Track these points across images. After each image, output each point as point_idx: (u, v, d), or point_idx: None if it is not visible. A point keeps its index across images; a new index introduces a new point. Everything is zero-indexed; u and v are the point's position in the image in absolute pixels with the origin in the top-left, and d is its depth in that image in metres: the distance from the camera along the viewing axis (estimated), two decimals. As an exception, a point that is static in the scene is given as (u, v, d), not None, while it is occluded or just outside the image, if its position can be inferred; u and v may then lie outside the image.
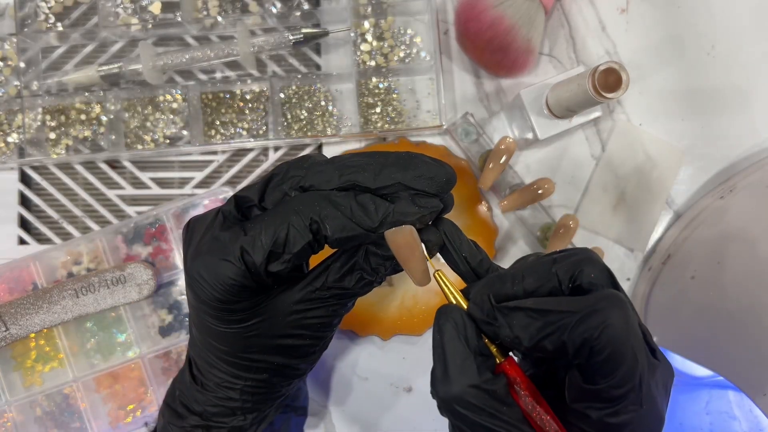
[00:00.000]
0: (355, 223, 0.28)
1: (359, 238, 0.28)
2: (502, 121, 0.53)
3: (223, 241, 0.29)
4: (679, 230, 0.51)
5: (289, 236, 0.28)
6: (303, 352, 0.33)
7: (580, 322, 0.26)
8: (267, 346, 0.32)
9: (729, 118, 0.53)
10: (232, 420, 0.36)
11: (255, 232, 0.28)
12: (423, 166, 0.28)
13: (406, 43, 0.52)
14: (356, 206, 0.28)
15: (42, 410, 0.49)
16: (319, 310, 0.31)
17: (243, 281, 0.29)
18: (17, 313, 0.47)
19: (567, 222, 0.46)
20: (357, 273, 0.30)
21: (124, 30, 0.52)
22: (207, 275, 0.29)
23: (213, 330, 0.32)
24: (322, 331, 0.32)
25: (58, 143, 0.52)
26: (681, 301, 0.49)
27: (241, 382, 0.34)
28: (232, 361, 0.33)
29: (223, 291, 0.29)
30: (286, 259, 0.28)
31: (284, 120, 0.52)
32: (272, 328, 0.31)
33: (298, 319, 0.31)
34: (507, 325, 0.27)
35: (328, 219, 0.28)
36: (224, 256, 0.28)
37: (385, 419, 0.52)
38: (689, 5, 0.53)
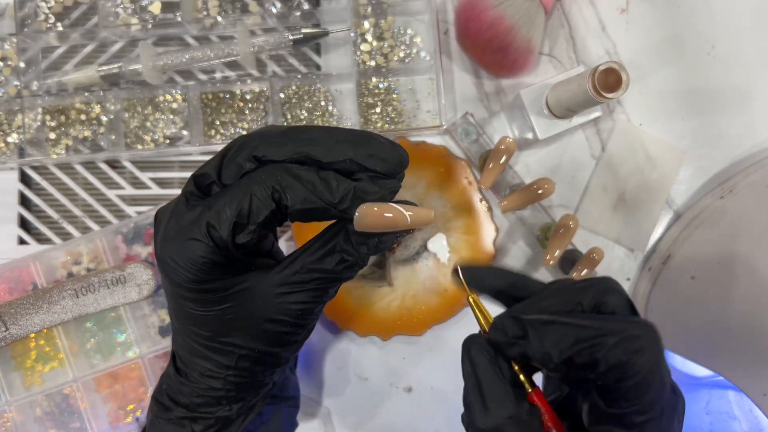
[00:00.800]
0: (316, 197, 0.28)
1: (320, 212, 0.28)
2: (502, 121, 0.53)
3: (189, 221, 0.29)
4: (679, 230, 0.51)
5: (252, 206, 0.28)
6: (285, 339, 0.32)
7: (619, 344, 0.26)
8: (249, 331, 0.32)
9: (729, 118, 0.53)
10: (217, 410, 0.35)
11: (219, 206, 0.28)
12: (376, 145, 0.28)
13: (406, 43, 0.52)
14: (318, 180, 0.28)
15: (42, 410, 0.49)
16: (300, 295, 0.31)
17: (213, 257, 0.29)
18: (17, 313, 0.47)
19: (567, 222, 0.46)
20: (337, 255, 0.30)
21: (124, 30, 0.52)
22: (177, 257, 0.29)
23: (193, 315, 0.31)
24: (303, 318, 0.32)
25: (58, 143, 0.52)
26: (681, 301, 0.49)
27: (224, 371, 0.33)
28: (213, 347, 0.32)
29: (196, 270, 0.29)
30: (251, 229, 0.29)
31: (284, 120, 0.52)
32: (252, 312, 0.31)
33: (278, 303, 0.31)
34: (539, 338, 0.27)
35: (290, 189, 0.28)
36: (191, 236, 0.29)
37: (385, 419, 0.52)
38: (689, 5, 0.53)
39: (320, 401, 0.52)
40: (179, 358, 0.35)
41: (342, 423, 0.52)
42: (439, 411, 0.52)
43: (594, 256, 0.46)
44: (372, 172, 0.28)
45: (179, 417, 0.36)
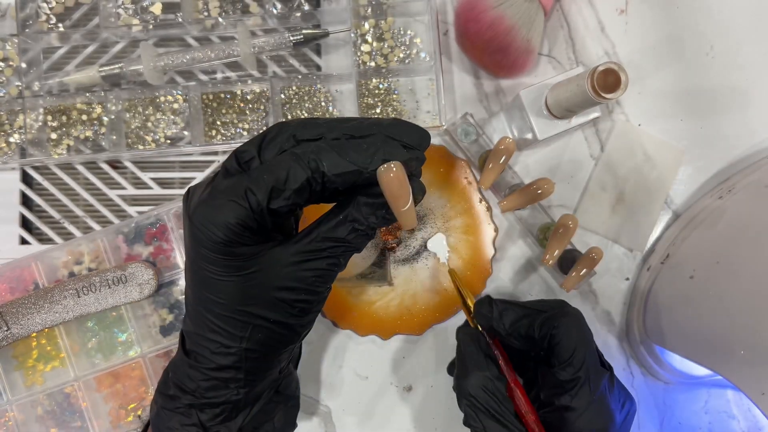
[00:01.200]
0: (348, 161, 0.30)
1: (353, 175, 0.30)
2: (502, 121, 0.53)
3: (227, 186, 0.31)
4: (678, 230, 0.51)
5: (290, 173, 0.30)
6: (298, 309, 0.34)
7: (547, 318, 0.39)
8: (264, 300, 0.33)
9: (728, 118, 0.53)
10: (225, 394, 0.35)
11: (258, 173, 0.31)
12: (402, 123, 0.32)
13: (406, 44, 0.52)
14: (349, 145, 0.31)
15: (43, 409, 0.49)
16: (315, 262, 0.33)
17: (246, 221, 0.31)
18: (19, 312, 0.47)
19: (566, 222, 0.46)
20: (349, 224, 0.32)
21: (125, 31, 0.52)
22: (212, 217, 0.31)
23: (212, 281, 0.33)
24: (316, 285, 0.33)
25: (59, 143, 0.52)
26: (680, 300, 0.49)
27: (236, 345, 0.34)
28: (229, 318, 0.33)
29: (228, 231, 0.31)
30: (287, 195, 0.30)
31: (285, 120, 0.52)
32: (269, 279, 0.32)
33: (294, 270, 0.32)
34: (500, 315, 0.41)
35: (325, 157, 0.30)
36: (229, 198, 0.30)
37: (385, 419, 0.52)
38: (688, 5, 0.53)
39: (320, 401, 0.52)
40: (190, 338, 0.35)
41: (342, 423, 0.52)
42: (439, 411, 0.52)
43: (593, 256, 0.46)
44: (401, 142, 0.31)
45: (186, 405, 0.36)
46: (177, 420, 0.36)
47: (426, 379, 0.52)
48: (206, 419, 0.36)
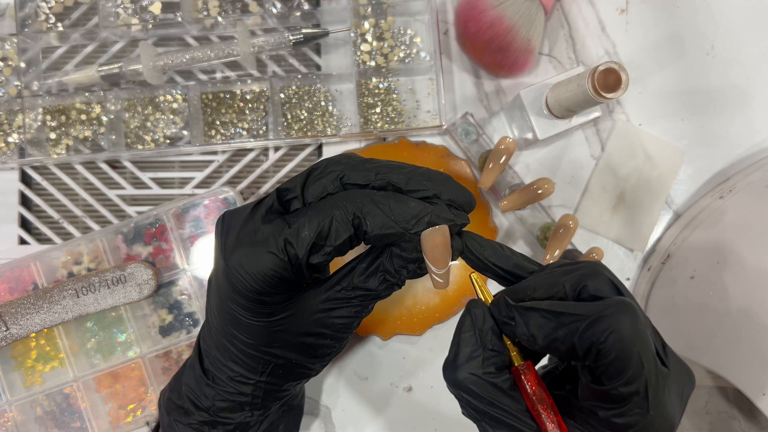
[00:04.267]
0: (393, 221, 0.29)
1: (396, 236, 0.30)
2: (502, 121, 0.53)
3: (267, 233, 0.30)
4: (679, 230, 0.51)
5: (332, 229, 0.29)
6: (321, 352, 0.34)
7: (589, 326, 0.28)
8: (290, 343, 0.33)
9: (728, 118, 0.53)
10: (239, 416, 0.36)
11: (299, 224, 0.30)
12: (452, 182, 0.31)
13: (406, 44, 0.52)
14: (396, 205, 0.29)
15: (42, 410, 0.49)
16: (343, 310, 0.33)
17: (283, 273, 0.30)
18: (18, 312, 0.47)
19: (567, 222, 0.46)
20: (380, 275, 0.32)
21: (124, 30, 0.52)
22: (249, 266, 0.30)
23: (242, 322, 0.32)
24: (342, 331, 0.34)
25: (58, 143, 0.52)
26: (680, 300, 0.49)
27: (255, 377, 0.34)
28: (253, 355, 0.33)
29: (263, 282, 0.30)
30: (328, 251, 0.30)
31: (284, 120, 0.52)
32: (298, 325, 0.33)
33: (323, 317, 0.33)
34: (524, 323, 0.29)
35: (370, 215, 0.29)
36: (268, 248, 0.30)
37: (385, 419, 0.52)
38: (689, 5, 0.53)
39: (320, 401, 0.52)
40: (208, 359, 0.36)
41: (342, 423, 0.52)
42: (439, 411, 0.52)
43: (594, 256, 0.46)
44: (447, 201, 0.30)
45: (200, 422, 0.36)
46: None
47: (426, 379, 0.52)
48: None
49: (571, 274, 0.30)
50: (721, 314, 0.45)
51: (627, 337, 0.27)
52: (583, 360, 0.28)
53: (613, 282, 0.30)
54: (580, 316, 0.28)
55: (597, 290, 0.29)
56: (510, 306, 0.30)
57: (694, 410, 0.53)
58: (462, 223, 0.31)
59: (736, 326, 0.45)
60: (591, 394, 0.29)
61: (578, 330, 0.28)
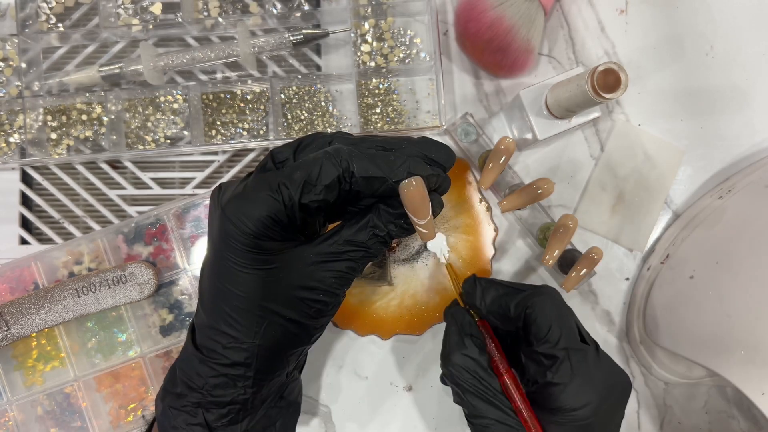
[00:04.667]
0: (378, 168, 0.32)
1: (379, 182, 0.32)
2: (502, 121, 0.53)
3: (260, 180, 0.32)
4: (678, 230, 0.51)
5: (322, 170, 0.32)
6: (314, 309, 0.35)
7: (524, 297, 0.39)
8: (283, 296, 0.34)
9: (728, 118, 0.53)
10: (233, 392, 0.35)
11: (290, 168, 0.32)
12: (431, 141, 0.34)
13: (405, 44, 0.52)
14: (379, 156, 0.32)
15: (43, 409, 0.49)
16: (335, 264, 0.34)
17: (277, 215, 0.32)
18: (18, 312, 0.47)
19: (566, 222, 0.46)
20: (370, 230, 0.34)
21: (124, 30, 0.52)
22: (245, 210, 0.32)
23: (234, 273, 0.33)
24: (334, 287, 0.35)
25: (59, 143, 0.52)
26: (680, 300, 0.49)
27: (249, 340, 0.34)
28: (245, 311, 0.34)
29: (258, 224, 0.32)
30: (318, 190, 0.32)
31: (284, 120, 0.52)
32: (291, 277, 0.34)
33: (315, 270, 0.34)
34: (481, 291, 0.41)
35: (356, 159, 0.32)
36: (262, 191, 0.32)
37: (385, 419, 0.52)
38: (688, 6, 0.53)
39: (320, 401, 0.52)
40: (202, 332, 0.36)
41: (342, 423, 0.52)
42: (439, 410, 0.52)
43: (593, 256, 0.46)
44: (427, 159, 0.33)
45: (193, 403, 0.36)
46: (183, 419, 0.36)
47: (426, 379, 0.52)
48: (212, 419, 0.36)
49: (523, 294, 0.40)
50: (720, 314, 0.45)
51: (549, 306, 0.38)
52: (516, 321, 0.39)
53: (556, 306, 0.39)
54: (520, 290, 0.40)
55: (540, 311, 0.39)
56: (476, 281, 0.41)
57: (693, 410, 0.53)
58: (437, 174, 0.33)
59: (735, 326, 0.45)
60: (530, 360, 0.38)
61: (516, 298, 0.39)
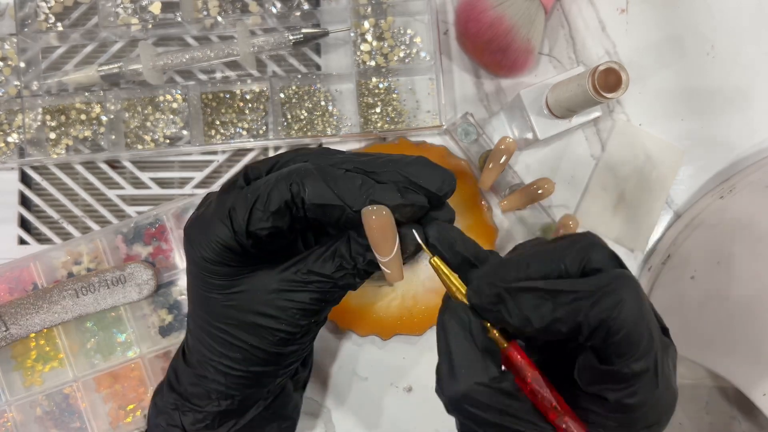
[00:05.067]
0: (335, 194, 0.28)
1: (336, 210, 0.28)
2: (502, 121, 0.53)
3: (220, 202, 0.31)
4: (679, 230, 0.51)
5: (270, 195, 0.29)
6: (278, 338, 0.32)
7: (596, 303, 0.26)
8: (242, 322, 0.32)
9: (729, 118, 0.53)
10: (207, 403, 0.35)
11: (245, 191, 0.30)
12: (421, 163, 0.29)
13: (406, 43, 0.52)
14: (342, 178, 0.28)
15: (42, 410, 0.49)
16: (297, 294, 0.31)
17: (227, 241, 0.30)
18: (17, 312, 0.47)
19: (567, 222, 0.46)
20: (337, 260, 0.30)
21: (124, 30, 0.52)
22: (197, 234, 0.31)
23: (199, 296, 0.33)
24: (297, 318, 0.32)
25: (58, 143, 0.52)
26: (681, 300, 0.49)
27: (216, 358, 0.33)
28: (209, 331, 0.33)
29: (209, 250, 0.31)
30: (265, 217, 0.29)
31: (284, 120, 0.52)
32: (250, 302, 0.31)
33: (276, 298, 0.31)
34: (516, 306, 0.26)
35: (309, 183, 0.28)
36: (216, 217, 0.30)
37: (385, 419, 0.52)
38: (689, 5, 0.53)
39: (320, 401, 0.52)
40: (187, 344, 0.36)
41: (342, 423, 0.52)
42: (439, 411, 0.52)
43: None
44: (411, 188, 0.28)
45: (171, 405, 0.36)
46: (163, 418, 0.36)
47: (426, 380, 0.52)
48: (188, 423, 0.36)
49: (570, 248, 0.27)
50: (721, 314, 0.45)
51: (636, 311, 0.26)
52: (590, 340, 0.26)
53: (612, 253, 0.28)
54: (583, 292, 0.26)
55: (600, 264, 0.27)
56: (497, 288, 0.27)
57: (694, 410, 0.53)
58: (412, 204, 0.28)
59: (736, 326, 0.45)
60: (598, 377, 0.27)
61: (582, 308, 0.26)
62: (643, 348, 0.26)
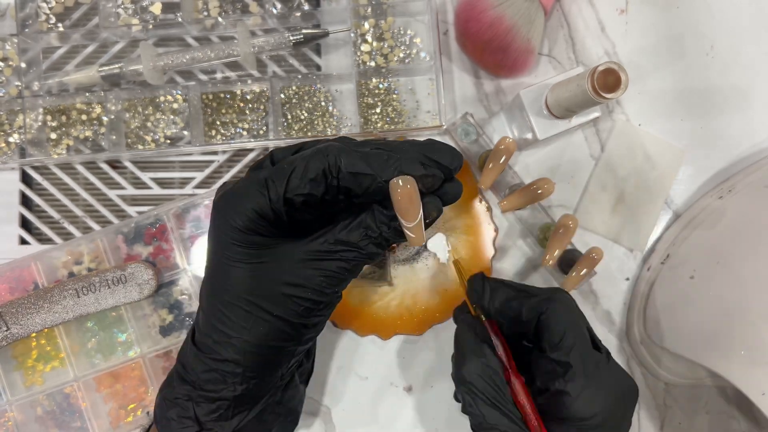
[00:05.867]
0: (366, 164, 0.31)
1: (367, 179, 0.31)
2: (502, 121, 0.53)
3: (252, 176, 0.32)
4: (679, 230, 0.51)
5: (308, 164, 0.31)
6: (303, 308, 0.34)
7: (537, 301, 0.39)
8: (270, 292, 0.33)
9: (728, 118, 0.53)
10: (222, 388, 0.35)
11: (281, 165, 0.32)
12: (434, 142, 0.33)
13: (406, 44, 0.52)
14: (371, 153, 0.31)
15: (43, 410, 0.49)
16: (325, 263, 0.33)
17: (263, 209, 0.31)
18: (18, 312, 0.47)
19: (566, 222, 0.46)
20: (362, 230, 0.33)
21: (124, 30, 0.52)
22: (232, 204, 0.32)
23: (224, 267, 0.33)
24: (323, 287, 0.33)
25: (59, 143, 0.52)
26: (680, 300, 0.49)
27: (237, 335, 0.34)
28: (234, 305, 0.33)
29: (244, 218, 0.32)
30: (303, 184, 0.31)
31: (284, 120, 0.52)
32: (278, 273, 0.33)
33: (303, 268, 0.33)
34: (490, 291, 0.41)
35: (344, 155, 0.31)
36: (251, 187, 0.32)
37: (385, 419, 0.52)
38: (688, 5, 0.53)
39: (320, 400, 0.52)
40: (198, 329, 0.36)
41: (342, 423, 0.52)
42: (439, 411, 0.52)
43: (593, 256, 0.46)
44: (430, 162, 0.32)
45: (184, 396, 0.36)
46: (175, 411, 0.36)
47: (426, 379, 0.52)
48: (202, 413, 0.35)
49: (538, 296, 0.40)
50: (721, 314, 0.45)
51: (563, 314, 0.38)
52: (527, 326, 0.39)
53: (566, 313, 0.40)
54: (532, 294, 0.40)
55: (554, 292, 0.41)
56: (485, 280, 0.41)
57: (694, 410, 0.53)
58: (433, 175, 0.32)
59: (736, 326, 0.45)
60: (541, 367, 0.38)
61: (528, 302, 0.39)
62: (567, 343, 0.37)
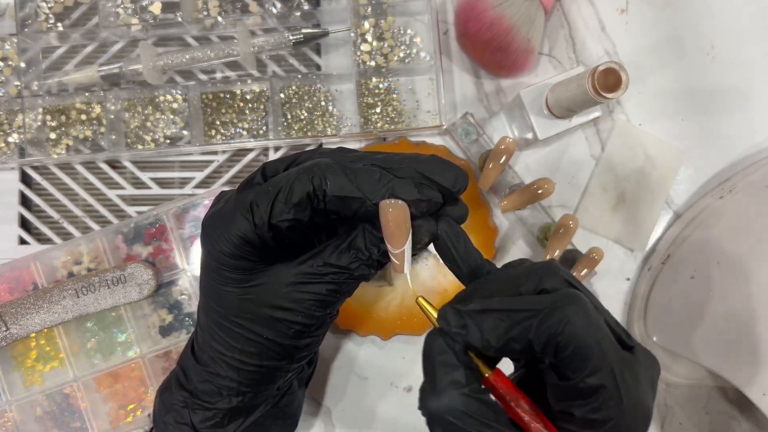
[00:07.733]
0: (354, 186, 0.29)
1: (356, 203, 0.29)
2: (502, 121, 0.53)
3: (240, 197, 0.31)
4: (679, 230, 0.51)
5: (292, 187, 0.29)
6: (293, 330, 0.33)
7: (543, 320, 0.26)
8: (258, 316, 0.32)
9: (728, 118, 0.53)
10: (218, 400, 0.35)
11: (266, 186, 0.30)
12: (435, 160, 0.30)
13: (406, 44, 0.52)
14: (361, 172, 0.29)
15: (42, 410, 0.49)
16: (314, 286, 0.32)
17: (248, 235, 0.30)
18: (18, 312, 0.47)
19: (567, 222, 0.46)
20: (352, 252, 0.31)
21: (124, 30, 0.52)
22: (217, 229, 0.31)
23: (215, 290, 0.33)
24: (313, 310, 0.32)
25: (58, 143, 0.52)
26: (681, 300, 0.49)
27: (229, 353, 0.34)
28: (224, 326, 0.33)
29: (228, 243, 0.31)
30: (287, 209, 0.30)
31: (284, 120, 0.52)
32: (267, 296, 0.32)
33: (292, 291, 0.32)
34: (477, 328, 0.28)
35: (330, 175, 0.29)
36: (236, 210, 0.30)
37: (385, 419, 0.52)
38: (689, 5, 0.53)
39: (320, 401, 0.52)
40: (197, 341, 0.36)
41: (342, 423, 0.52)
42: (439, 411, 0.52)
43: (594, 256, 0.46)
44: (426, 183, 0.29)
45: (180, 403, 0.36)
46: (172, 416, 0.36)
47: (426, 380, 0.52)
48: (197, 421, 0.36)
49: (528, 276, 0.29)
50: (721, 314, 0.45)
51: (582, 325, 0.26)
52: (542, 355, 0.27)
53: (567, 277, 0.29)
54: (532, 311, 0.27)
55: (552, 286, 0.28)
56: (460, 313, 0.28)
57: (694, 410, 0.53)
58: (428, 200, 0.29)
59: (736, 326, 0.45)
60: (562, 394, 0.27)
61: (532, 326, 0.26)
62: (595, 363, 0.26)
